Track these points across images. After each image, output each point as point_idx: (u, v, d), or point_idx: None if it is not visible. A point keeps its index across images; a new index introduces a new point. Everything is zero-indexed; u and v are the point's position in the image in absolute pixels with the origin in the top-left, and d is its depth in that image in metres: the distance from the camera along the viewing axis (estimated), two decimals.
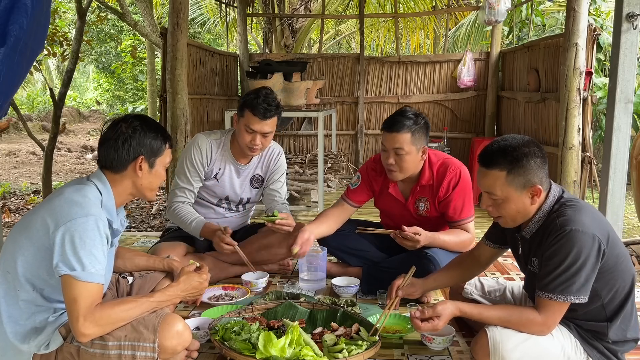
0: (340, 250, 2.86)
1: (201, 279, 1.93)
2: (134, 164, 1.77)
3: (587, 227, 1.64)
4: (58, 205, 1.65)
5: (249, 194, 2.95)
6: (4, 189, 6.82)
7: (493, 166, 1.74)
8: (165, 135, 1.85)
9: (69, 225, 1.58)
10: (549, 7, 8.05)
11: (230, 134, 2.88)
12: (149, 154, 1.79)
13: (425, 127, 2.51)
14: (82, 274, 1.57)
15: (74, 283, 1.56)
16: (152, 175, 1.82)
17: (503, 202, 1.77)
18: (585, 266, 1.63)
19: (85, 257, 1.57)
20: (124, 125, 1.78)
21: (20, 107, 10.01)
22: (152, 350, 1.62)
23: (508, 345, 1.70)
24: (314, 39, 12.23)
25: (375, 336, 1.94)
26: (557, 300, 1.67)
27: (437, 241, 2.53)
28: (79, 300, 1.56)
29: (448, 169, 2.57)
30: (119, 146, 1.76)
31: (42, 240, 1.62)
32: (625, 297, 1.75)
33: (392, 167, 2.51)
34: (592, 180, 3.98)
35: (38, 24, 2.28)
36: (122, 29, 14.50)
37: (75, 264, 1.56)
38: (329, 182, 5.68)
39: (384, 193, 2.73)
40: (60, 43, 6.63)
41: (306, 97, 4.88)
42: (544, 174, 1.75)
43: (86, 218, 1.60)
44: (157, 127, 1.84)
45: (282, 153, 2.99)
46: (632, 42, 3.58)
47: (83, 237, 1.58)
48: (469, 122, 6.36)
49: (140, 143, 1.77)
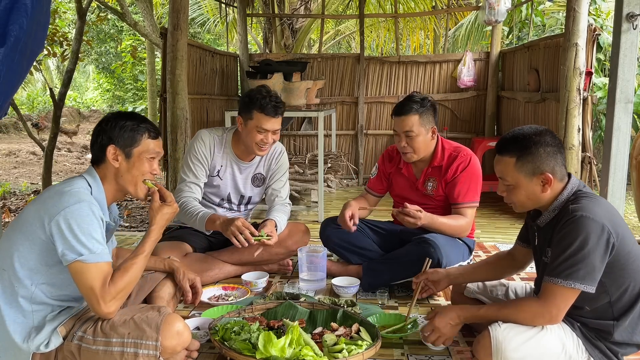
0: (341, 248, 2.87)
1: (172, 210, 1.88)
2: (107, 153, 1.79)
3: (597, 216, 1.65)
4: (49, 197, 1.69)
5: (250, 193, 2.96)
6: (4, 189, 6.82)
7: (504, 153, 1.81)
8: (142, 124, 1.84)
9: (63, 214, 1.61)
10: (549, 7, 8.05)
11: (231, 132, 2.88)
12: (121, 142, 1.80)
13: (432, 108, 2.66)
14: (91, 256, 1.61)
15: (85, 267, 1.60)
16: (131, 166, 1.82)
17: (514, 188, 1.82)
18: (592, 253, 1.63)
19: (87, 240, 1.61)
20: (102, 121, 1.85)
21: (20, 107, 10.01)
22: (154, 349, 1.63)
23: (510, 345, 1.70)
24: (314, 39, 12.23)
25: (405, 327, 2.17)
26: (560, 285, 1.66)
27: (435, 222, 2.59)
28: (94, 284, 1.61)
29: (460, 154, 2.69)
30: (94, 141, 1.83)
31: (37, 233, 1.64)
32: (635, 298, 1.74)
33: (406, 149, 2.66)
34: (592, 180, 3.98)
35: (38, 24, 2.28)
36: (122, 29, 14.50)
37: (80, 249, 1.60)
38: (329, 182, 5.68)
39: (397, 174, 2.87)
40: (60, 43, 6.64)
41: (306, 97, 4.88)
42: (557, 163, 1.77)
43: (79, 204, 1.64)
44: (133, 117, 1.85)
45: (284, 152, 3.00)
46: (632, 42, 3.58)
47: (80, 222, 1.62)
48: (469, 122, 6.36)
49: (111, 132, 1.80)
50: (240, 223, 2.51)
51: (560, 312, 1.70)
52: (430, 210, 2.65)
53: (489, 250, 3.52)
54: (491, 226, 4.31)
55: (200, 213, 2.64)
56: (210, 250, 2.89)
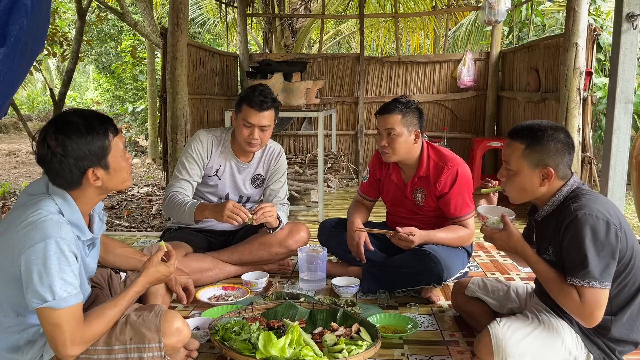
0: (340, 250, 2.87)
1: (167, 272, 1.84)
2: (86, 178, 1.59)
3: (600, 214, 1.66)
4: (14, 227, 1.51)
5: (249, 193, 2.96)
6: (4, 189, 6.81)
7: (516, 137, 1.84)
8: (100, 128, 1.59)
9: (28, 254, 1.46)
10: (549, 7, 8.05)
11: (230, 131, 2.89)
12: (95, 161, 1.58)
13: (416, 111, 2.62)
14: (57, 302, 1.47)
15: (51, 313, 1.48)
16: (114, 172, 1.64)
17: (514, 175, 1.83)
18: (604, 249, 1.64)
19: (54, 284, 1.46)
20: (51, 142, 1.53)
21: (20, 107, 10.02)
22: (158, 350, 1.62)
23: (511, 341, 1.71)
24: (314, 39, 12.22)
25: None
26: (595, 287, 1.63)
27: (433, 239, 2.56)
28: (63, 325, 1.49)
29: (446, 165, 2.62)
30: (57, 169, 1.55)
31: (9, 270, 1.52)
32: (634, 294, 1.76)
33: (385, 148, 2.62)
34: (592, 180, 3.98)
35: (38, 24, 2.28)
36: (122, 29, 14.48)
37: (46, 294, 1.46)
38: (329, 182, 5.68)
39: (387, 180, 2.82)
40: (60, 43, 6.64)
41: (306, 97, 4.88)
42: (562, 161, 1.79)
43: (45, 242, 1.47)
44: (86, 125, 1.57)
45: (282, 153, 3.00)
46: (632, 42, 3.58)
47: (46, 264, 1.46)
48: (468, 122, 6.36)
49: (78, 157, 1.55)
50: (232, 205, 2.48)
51: (595, 309, 1.65)
52: (422, 220, 2.67)
53: (489, 250, 3.52)
54: None
55: (188, 203, 2.62)
56: (210, 250, 2.89)
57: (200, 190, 2.88)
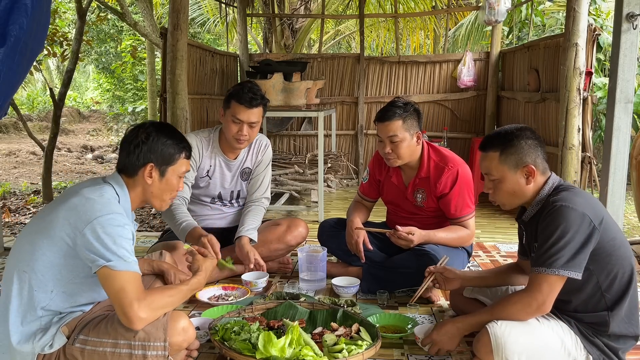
0: (340, 250, 2.87)
1: (213, 263, 2.05)
2: (144, 170, 1.78)
3: (577, 205, 1.70)
4: (79, 204, 1.65)
5: (239, 187, 2.97)
6: (4, 189, 6.81)
7: (488, 148, 1.89)
8: (181, 144, 1.85)
9: (95, 223, 1.60)
10: (549, 7, 8.05)
11: (218, 130, 2.91)
12: (159, 161, 1.79)
13: (415, 113, 2.60)
14: (121, 264, 1.59)
15: (115, 274, 1.58)
16: (163, 184, 1.83)
17: (500, 182, 1.87)
18: (573, 240, 1.67)
19: (118, 250, 1.60)
20: (141, 130, 1.80)
21: (20, 107, 10.01)
22: (162, 349, 1.63)
23: (510, 339, 1.72)
24: (314, 39, 12.23)
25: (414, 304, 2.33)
26: (545, 273, 1.70)
27: (433, 239, 2.57)
28: (127, 287, 1.59)
29: (446, 166, 2.62)
30: (131, 151, 1.78)
31: (65, 240, 1.62)
32: (626, 285, 1.77)
33: (390, 155, 2.60)
34: (592, 180, 3.98)
35: (38, 24, 2.28)
36: (122, 29, 14.49)
37: (110, 256, 1.59)
38: (329, 182, 5.68)
39: (387, 182, 2.81)
40: (60, 43, 6.64)
41: (306, 97, 4.87)
42: (538, 156, 1.85)
43: (112, 215, 1.63)
44: (173, 134, 1.84)
45: (269, 146, 3.01)
46: (632, 42, 3.58)
47: (111, 233, 1.60)
48: (469, 122, 6.36)
49: (150, 149, 1.78)
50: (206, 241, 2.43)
51: (547, 300, 1.72)
52: (423, 220, 2.67)
53: (488, 250, 3.52)
54: (491, 226, 4.32)
55: (183, 224, 2.61)
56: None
57: (193, 193, 2.88)
